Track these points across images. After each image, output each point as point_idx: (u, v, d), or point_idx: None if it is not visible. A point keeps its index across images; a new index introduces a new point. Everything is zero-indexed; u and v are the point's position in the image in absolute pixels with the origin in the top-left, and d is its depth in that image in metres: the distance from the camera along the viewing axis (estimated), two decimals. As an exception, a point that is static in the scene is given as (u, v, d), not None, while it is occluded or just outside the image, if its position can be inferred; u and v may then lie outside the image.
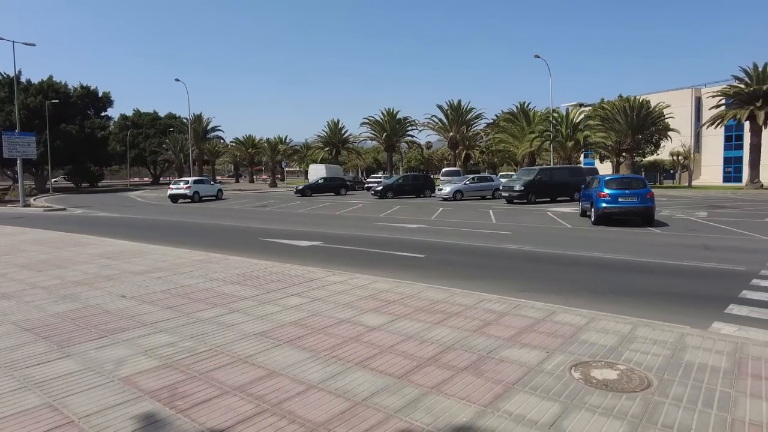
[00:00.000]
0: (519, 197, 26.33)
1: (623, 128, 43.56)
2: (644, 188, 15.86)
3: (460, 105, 54.39)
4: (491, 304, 6.11)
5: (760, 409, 3.39)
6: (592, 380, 3.86)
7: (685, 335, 4.90)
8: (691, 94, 55.43)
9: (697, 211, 20.34)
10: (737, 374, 3.94)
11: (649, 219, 15.65)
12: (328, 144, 62.64)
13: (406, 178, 38.38)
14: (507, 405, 3.47)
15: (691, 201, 26.83)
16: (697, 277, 8.37)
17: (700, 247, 11.45)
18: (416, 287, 7.07)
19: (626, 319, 5.48)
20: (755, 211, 20.57)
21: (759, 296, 6.88)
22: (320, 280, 7.58)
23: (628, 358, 4.32)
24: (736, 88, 39.81)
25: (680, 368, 4.08)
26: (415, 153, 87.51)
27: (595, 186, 16.58)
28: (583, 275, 8.67)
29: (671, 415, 3.31)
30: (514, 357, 4.36)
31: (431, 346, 4.66)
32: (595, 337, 4.84)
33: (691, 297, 7.10)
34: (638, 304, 6.68)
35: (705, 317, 5.93)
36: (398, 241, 13.15)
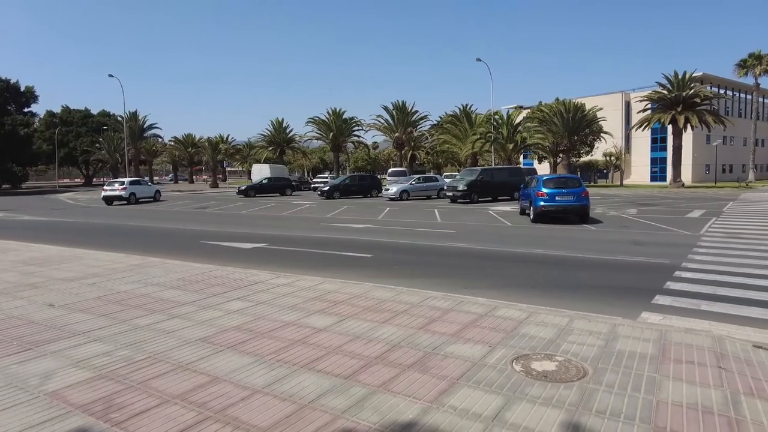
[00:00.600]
0: (462, 197, 26.95)
1: (560, 130, 45.57)
2: (580, 187, 16.68)
3: (405, 106, 54.95)
4: (436, 301, 6.22)
5: (681, 390, 3.65)
6: (533, 372, 4.01)
7: (617, 325, 5.19)
8: (621, 98, 58.82)
9: (627, 209, 21.61)
10: (662, 359, 4.23)
11: (584, 216, 16.46)
12: (273, 143, 61.43)
13: (353, 179, 38.33)
14: (452, 400, 3.55)
15: (622, 199, 28.47)
16: (628, 271, 8.89)
17: (630, 242, 12.17)
18: (363, 287, 7.07)
19: (563, 312, 5.73)
20: (678, 208, 22.12)
21: (681, 287, 7.40)
22: (264, 283, 7.43)
23: (565, 349, 4.52)
24: (660, 94, 42.64)
25: (613, 357, 4.32)
26: (362, 153, 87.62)
27: (534, 185, 17.24)
28: (524, 271, 8.99)
29: (604, 401, 3.50)
30: (459, 352, 4.46)
31: (378, 345, 4.68)
32: (535, 330, 5.04)
33: (622, 289, 7.53)
34: (575, 297, 7.01)
35: (635, 308, 6.31)
36: (345, 241, 13.11)
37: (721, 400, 3.50)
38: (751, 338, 5.08)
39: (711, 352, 4.39)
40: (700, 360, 4.22)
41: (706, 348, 4.50)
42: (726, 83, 57.39)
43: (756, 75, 49.36)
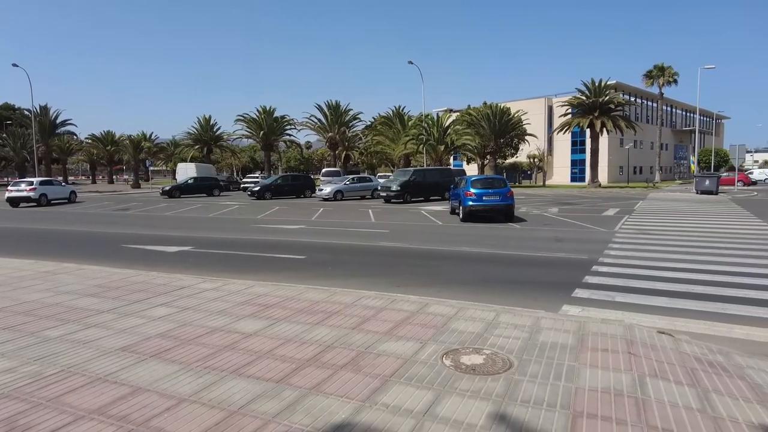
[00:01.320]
0: (396, 197, 27.30)
1: (487, 133, 47.36)
2: (505, 188, 17.42)
3: (338, 106, 54.79)
4: (370, 300, 6.25)
5: (597, 376, 3.92)
6: (462, 366, 4.14)
7: (540, 318, 5.47)
8: (544, 103, 62.03)
9: (549, 208, 22.85)
10: (580, 349, 4.51)
11: (509, 215, 17.21)
12: (199, 141, 59.00)
13: (285, 178, 37.64)
14: (384, 397, 3.58)
15: (544, 199, 30.05)
16: (551, 266, 9.40)
17: (552, 239, 12.87)
18: (296, 289, 6.97)
19: (491, 307, 5.96)
20: (595, 206, 23.68)
21: (597, 280, 7.93)
22: (190, 288, 7.13)
23: (492, 342, 4.70)
24: (579, 100, 45.50)
25: (536, 348, 4.55)
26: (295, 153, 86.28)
27: (463, 186, 17.79)
28: (454, 268, 9.25)
29: (528, 391, 3.68)
30: (391, 350, 4.52)
31: (311, 347, 4.64)
32: (464, 325, 5.20)
33: (545, 284, 7.95)
34: (502, 292, 7.31)
35: (556, 301, 6.68)
36: (277, 243, 12.86)
37: (630, 383, 3.79)
38: (656, 325, 5.55)
39: (623, 340, 4.74)
40: (613, 347, 4.54)
41: (619, 336, 4.86)
42: (636, 91, 62.13)
43: (660, 85, 53.85)
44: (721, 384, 3.91)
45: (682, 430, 3.16)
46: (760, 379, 4.05)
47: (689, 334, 5.34)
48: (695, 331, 5.48)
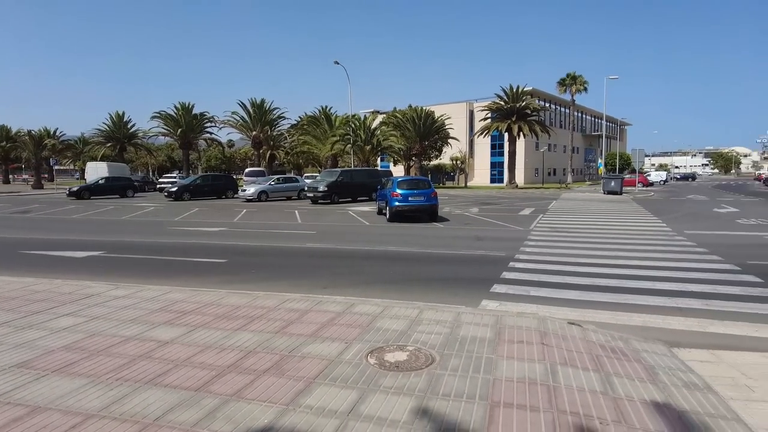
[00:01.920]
0: (323, 197, 27.12)
1: (413, 135, 48.33)
2: (429, 188, 17.90)
3: (263, 104, 53.43)
4: (294, 303, 6.17)
5: (513, 367, 4.13)
6: (386, 363, 4.20)
7: (460, 314, 5.68)
8: (466, 107, 64.33)
9: (471, 208, 23.74)
10: (498, 341, 4.73)
11: (433, 215, 17.69)
12: (111, 139, 55.06)
13: (205, 178, 36.14)
14: (308, 399, 3.55)
15: (466, 199, 31.18)
16: (471, 263, 9.77)
17: (473, 238, 13.38)
18: (216, 294, 6.72)
19: (415, 304, 6.10)
20: (512, 206, 24.92)
21: (514, 276, 8.36)
22: (100, 296, 6.65)
23: (416, 339, 4.81)
24: (498, 105, 47.66)
25: (457, 343, 4.71)
26: (216, 152, 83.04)
27: (390, 187, 18.05)
28: (380, 268, 9.36)
29: (449, 384, 3.80)
30: (316, 352, 4.49)
31: (232, 353, 4.49)
32: (389, 323, 5.28)
33: (466, 280, 8.25)
34: (426, 290, 7.49)
35: (476, 297, 6.96)
36: (197, 246, 12.32)
37: (543, 372, 4.03)
38: (567, 317, 5.95)
39: (536, 332, 5.03)
40: (528, 339, 4.81)
41: (533, 328, 5.15)
42: (550, 98, 66.13)
43: (572, 93, 57.66)
44: (621, 368, 4.27)
45: (587, 412, 3.41)
46: (653, 361, 4.47)
47: (596, 323, 5.78)
48: (601, 321, 5.94)
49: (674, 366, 4.43)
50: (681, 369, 4.36)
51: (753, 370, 4.35)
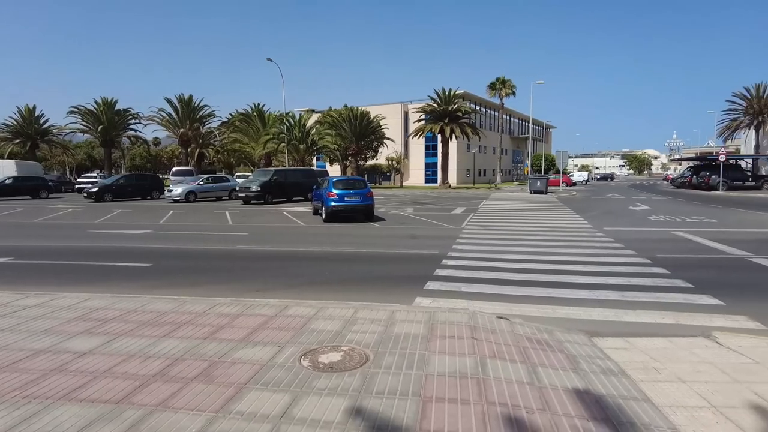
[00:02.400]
0: (256, 197, 26.47)
1: (349, 135, 48.35)
2: (365, 188, 17.97)
3: (191, 100, 51.27)
4: (224, 307, 5.97)
5: (444, 362, 4.23)
6: (320, 365, 4.16)
7: (395, 312, 5.73)
8: (401, 108, 65.16)
9: (406, 207, 24.09)
10: (430, 337, 4.82)
11: (370, 215, 17.78)
12: (21, 135, 50.65)
13: (128, 178, 34.18)
14: (239, 406, 3.45)
15: (402, 199, 31.60)
16: (406, 262, 9.91)
17: (408, 236, 13.58)
18: (140, 300, 6.37)
19: (350, 304, 6.09)
20: (446, 205, 25.55)
21: (446, 273, 8.57)
22: (7, 306, 6.10)
23: (350, 339, 4.81)
24: (431, 107, 48.66)
25: (391, 340, 4.76)
26: (141, 150, 78.71)
27: (325, 187, 17.93)
28: (316, 269, 9.26)
29: (383, 382, 3.83)
30: (247, 357, 4.36)
31: (157, 362, 4.27)
32: (323, 324, 5.24)
33: (401, 278, 8.35)
34: (361, 289, 7.51)
35: (410, 294, 7.07)
36: (119, 250, 11.62)
37: (473, 366, 4.16)
38: (496, 311, 6.17)
39: (467, 326, 5.18)
40: (459, 334, 4.94)
41: (464, 323, 5.30)
42: (480, 101, 68.40)
43: (501, 96, 59.98)
44: (546, 358, 4.49)
45: (514, 402, 3.55)
46: (575, 351, 4.74)
47: (523, 316, 6.04)
48: (527, 314, 6.21)
49: (593, 354, 4.72)
50: (599, 357, 4.66)
51: (660, 354, 4.73)
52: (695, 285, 7.65)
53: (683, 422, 3.41)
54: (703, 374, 4.25)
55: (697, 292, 7.27)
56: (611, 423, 3.33)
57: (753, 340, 5.13)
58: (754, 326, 5.77)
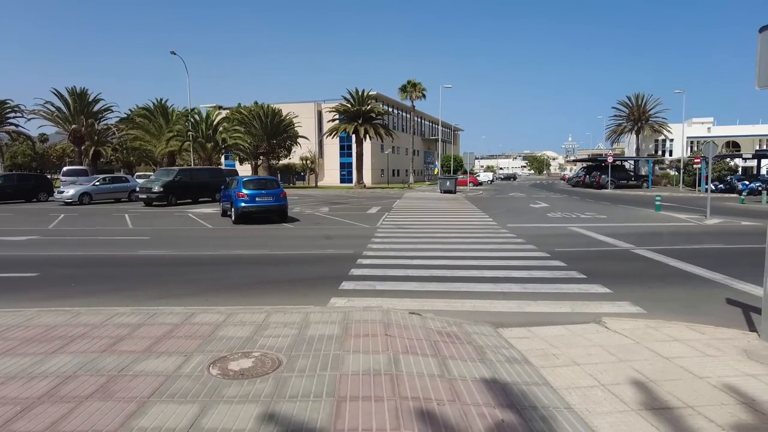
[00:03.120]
0: (159, 199, 24.88)
1: (260, 133, 46.96)
2: (278, 188, 17.58)
3: (85, 94, 46.97)
4: (124, 317, 5.55)
5: (359, 361, 4.25)
6: (230, 373, 4.01)
7: (309, 314, 5.67)
8: (314, 107, 64.48)
9: (321, 207, 23.91)
10: (344, 337, 4.83)
11: (283, 216, 17.43)
12: None
13: (8, 179, 30.56)
14: (142, 421, 3.23)
15: (317, 199, 31.33)
16: (321, 263, 9.83)
17: (323, 237, 13.50)
18: (24, 314, 5.74)
19: (262, 308, 5.93)
20: (361, 205, 25.72)
21: (361, 272, 8.63)
22: None
23: (262, 344, 4.68)
24: (345, 107, 48.72)
25: (305, 343, 4.70)
26: (24, 147, 70.81)
27: (235, 187, 17.29)
28: (225, 273, 8.91)
29: (296, 386, 3.77)
30: (150, 368, 4.09)
31: (45, 381, 3.87)
32: (233, 331, 5.05)
33: (316, 280, 8.28)
34: (274, 292, 7.34)
35: (325, 295, 7.03)
36: (-2, 258, 10.38)
37: (387, 362, 4.22)
38: (409, 307, 6.32)
39: (381, 324, 5.26)
40: (373, 332, 5.00)
41: (378, 321, 5.36)
42: (393, 103, 69.58)
43: (412, 99, 61.47)
44: (455, 350, 4.68)
45: (426, 395, 3.66)
46: (482, 342, 4.99)
47: (434, 311, 6.24)
48: (438, 309, 6.43)
49: (499, 344, 5.00)
50: (504, 346, 4.94)
51: (558, 341, 5.12)
52: (588, 275, 8.37)
53: (577, 401, 3.72)
54: (594, 357, 4.65)
55: (590, 282, 7.97)
56: (516, 408, 3.55)
57: (634, 323, 5.71)
58: (635, 310, 6.43)
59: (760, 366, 4.38)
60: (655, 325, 5.59)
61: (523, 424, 3.32)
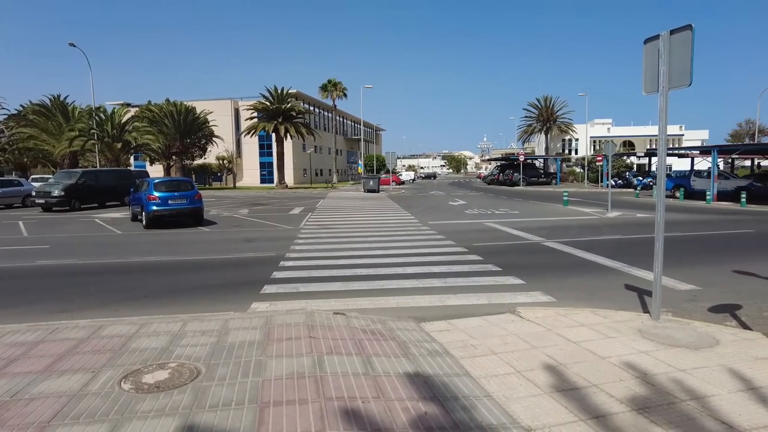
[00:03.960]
0: (59, 204, 22.83)
1: (172, 132, 44.52)
2: (193, 190, 16.77)
3: (-37, 89, 42.02)
4: (18, 335, 5.04)
5: (282, 365, 4.17)
6: (144, 386, 3.77)
7: (228, 320, 5.48)
8: (231, 105, 62.23)
9: (240, 209, 23.15)
10: (267, 342, 4.72)
11: (198, 219, 16.67)
12: None
13: None
14: (40, 448, 2.95)
15: (235, 200, 30.27)
16: (242, 267, 9.53)
17: (243, 240, 13.08)
18: None
19: (177, 317, 5.64)
20: (283, 206, 25.22)
21: (284, 275, 8.47)
22: None
23: (179, 354, 4.45)
24: (264, 105, 47.49)
25: (224, 350, 4.53)
26: None
27: (145, 189, 16.27)
28: (137, 282, 8.36)
29: (217, 395, 3.63)
30: (51, 389, 3.75)
31: None
32: (147, 342, 4.76)
33: (236, 284, 8.00)
34: (191, 300, 7.01)
35: (246, 300, 6.82)
36: None
37: (311, 365, 4.18)
38: (333, 307, 6.30)
39: (305, 326, 5.20)
40: (296, 335, 4.93)
41: (302, 323, 5.30)
42: (314, 102, 68.89)
43: (333, 98, 61.30)
44: (379, 347, 4.73)
45: (351, 394, 3.67)
46: (405, 337, 5.09)
47: (358, 310, 6.27)
48: (363, 307, 6.47)
49: (422, 338, 5.12)
50: (426, 340, 5.07)
51: (477, 332, 5.34)
52: (503, 268, 8.81)
53: (495, 389, 3.90)
54: (509, 345, 4.91)
55: (505, 274, 8.39)
56: (438, 400, 3.66)
57: (545, 311, 6.09)
58: (546, 299, 6.87)
59: (652, 343, 4.85)
60: (564, 312, 6.00)
61: (446, 414, 3.43)
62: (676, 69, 5.11)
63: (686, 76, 5.01)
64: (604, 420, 3.37)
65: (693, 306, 6.43)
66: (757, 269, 8.57)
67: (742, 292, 7.14)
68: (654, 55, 5.33)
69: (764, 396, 3.70)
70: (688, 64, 4.96)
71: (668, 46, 5.16)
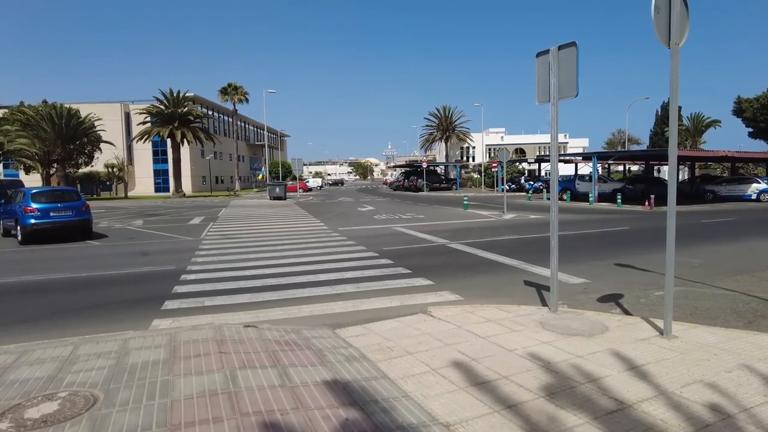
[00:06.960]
0: None
1: (52, 136, 40.19)
2: (79, 201, 15.27)
3: None
4: None
5: (191, 383, 3.92)
6: (27, 423, 3.34)
7: (128, 340, 5.04)
8: (121, 108, 57.72)
9: (134, 220, 21.48)
10: (173, 361, 4.41)
11: (86, 231, 15.20)
12: None
13: None
14: None
15: (128, 211, 28.04)
16: (138, 282, 8.82)
17: (138, 254, 12.13)
18: None
19: (66, 341, 5.08)
20: (181, 216, 23.80)
21: (187, 289, 7.98)
22: None
23: (71, 381, 4.01)
24: (158, 108, 44.63)
25: (125, 373, 4.16)
26: None
27: (21, 200, 14.52)
28: (13, 305, 7.41)
29: (119, 422, 3.32)
30: None
31: None
32: (29, 371, 4.23)
33: (133, 302, 7.39)
34: (82, 321, 6.36)
35: (146, 318, 6.32)
36: None
37: (223, 380, 3.98)
38: (243, 320, 6.05)
39: (214, 341, 4.93)
40: (205, 351, 4.66)
41: (210, 338, 5.02)
42: (213, 106, 66.05)
43: (234, 102, 59.14)
44: (295, 358, 4.62)
45: (268, 408, 3.54)
46: (321, 345, 5.02)
47: (270, 321, 6.08)
48: (275, 318, 6.28)
49: (338, 345, 5.08)
50: (342, 346, 5.04)
51: (391, 334, 5.41)
52: (413, 270, 9.04)
53: (413, 388, 3.97)
54: (423, 344, 5.03)
55: (414, 276, 8.61)
56: (358, 405, 3.64)
57: (454, 309, 6.34)
58: (454, 298, 7.15)
59: (552, 334, 5.24)
60: (472, 310, 6.28)
61: (366, 418, 3.43)
62: (564, 81, 5.60)
63: (573, 87, 5.51)
64: (516, 409, 3.57)
65: (585, 297, 7.06)
66: (634, 261, 9.62)
67: (623, 282, 7.97)
68: (545, 67, 5.79)
69: (644, 372, 4.14)
70: (574, 76, 5.45)
71: (557, 59, 5.64)
